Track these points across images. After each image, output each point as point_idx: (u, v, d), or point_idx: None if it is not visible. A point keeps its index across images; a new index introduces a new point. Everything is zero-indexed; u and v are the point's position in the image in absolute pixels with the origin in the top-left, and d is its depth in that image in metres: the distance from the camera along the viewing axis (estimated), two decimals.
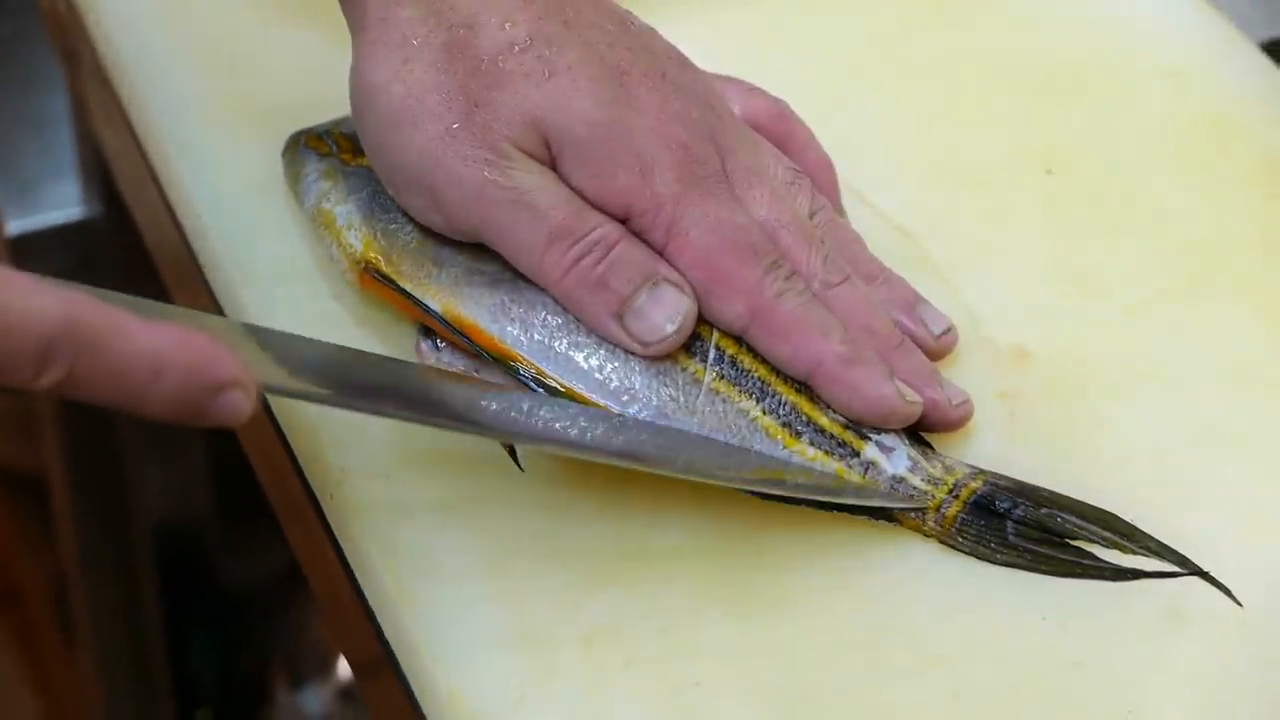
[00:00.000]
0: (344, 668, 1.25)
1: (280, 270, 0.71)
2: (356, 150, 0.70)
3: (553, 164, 0.64)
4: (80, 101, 0.95)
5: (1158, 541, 0.64)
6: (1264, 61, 0.83)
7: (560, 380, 0.64)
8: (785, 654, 0.60)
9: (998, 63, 0.82)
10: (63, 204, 1.09)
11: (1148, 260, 0.74)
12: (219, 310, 0.72)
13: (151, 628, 1.27)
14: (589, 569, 0.62)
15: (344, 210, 0.69)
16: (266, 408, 0.69)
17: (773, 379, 0.65)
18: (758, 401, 0.65)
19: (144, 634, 1.27)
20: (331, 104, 0.73)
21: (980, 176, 0.77)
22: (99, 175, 1.05)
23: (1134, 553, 0.63)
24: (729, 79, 0.70)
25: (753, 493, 0.64)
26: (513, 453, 0.64)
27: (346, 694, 1.24)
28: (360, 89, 0.66)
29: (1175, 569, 0.63)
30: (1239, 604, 0.62)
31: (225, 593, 1.31)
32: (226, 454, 1.28)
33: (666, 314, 0.64)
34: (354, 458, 0.65)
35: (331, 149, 0.71)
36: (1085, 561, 0.63)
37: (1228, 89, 0.82)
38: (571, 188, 0.64)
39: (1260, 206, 0.77)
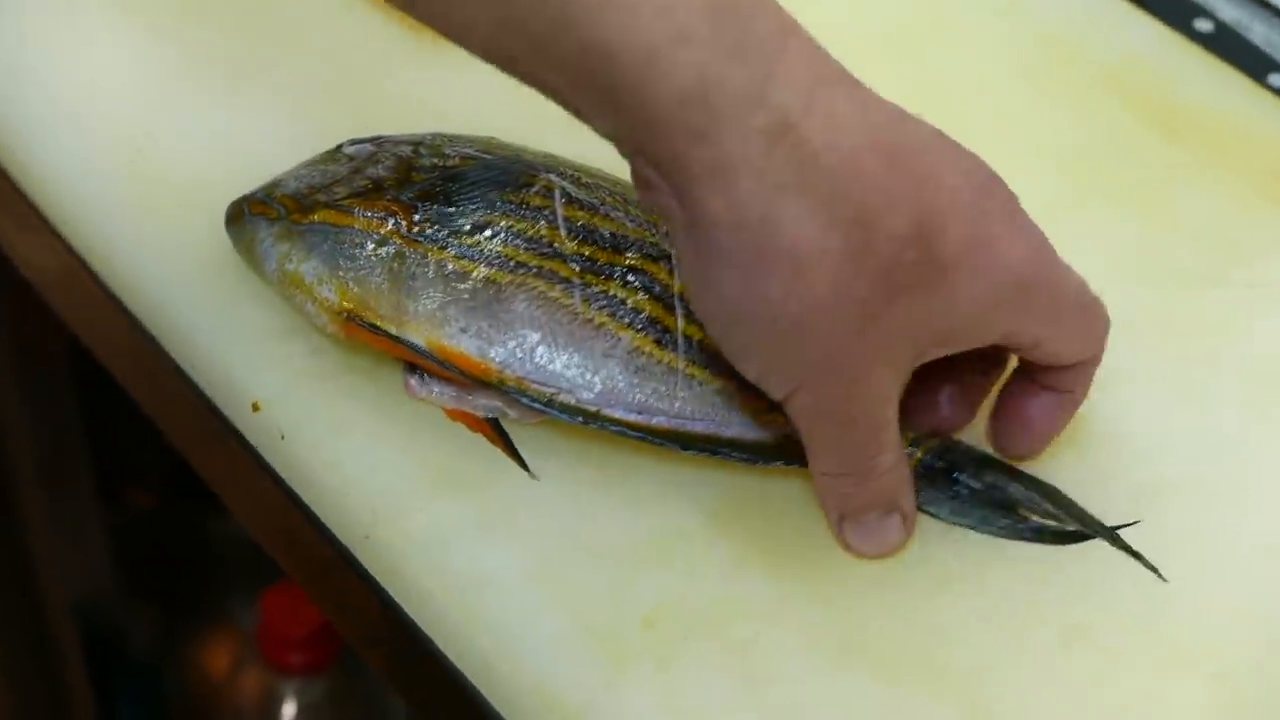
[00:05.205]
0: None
1: (249, 337, 0.73)
2: (304, 208, 0.72)
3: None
4: None
5: (1092, 517, 0.68)
6: None
7: (545, 389, 0.68)
8: (824, 599, 0.66)
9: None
10: None
11: (1030, 177, 0.80)
12: (195, 390, 0.74)
13: (77, 703, 1.27)
14: (628, 556, 0.66)
15: (309, 267, 0.71)
16: (265, 467, 0.72)
17: None
18: (730, 379, 0.69)
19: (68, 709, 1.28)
20: (248, 173, 0.75)
21: None
22: None
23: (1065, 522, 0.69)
24: None
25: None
26: (521, 463, 0.69)
27: None
28: (749, 304, 0.61)
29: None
30: (1163, 579, 0.67)
31: (146, 660, 1.31)
32: (122, 526, 1.30)
33: (876, 544, 0.67)
34: (380, 500, 0.68)
35: (279, 212, 0.72)
36: (1022, 525, 0.68)
37: (1057, 12, 0.88)
38: None
39: (1115, 114, 0.83)
